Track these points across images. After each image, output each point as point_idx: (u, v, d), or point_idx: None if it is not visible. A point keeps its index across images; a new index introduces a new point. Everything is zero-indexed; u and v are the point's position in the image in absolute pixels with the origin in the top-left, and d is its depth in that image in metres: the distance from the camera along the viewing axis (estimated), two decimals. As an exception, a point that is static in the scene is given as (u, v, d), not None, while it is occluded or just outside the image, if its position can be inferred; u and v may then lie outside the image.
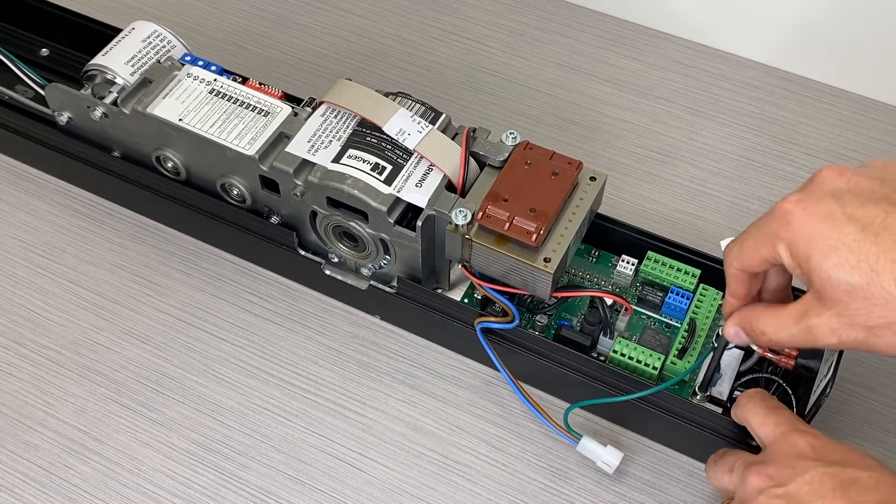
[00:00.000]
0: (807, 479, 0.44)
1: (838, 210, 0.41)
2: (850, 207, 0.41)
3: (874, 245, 0.40)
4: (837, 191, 0.42)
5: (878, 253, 0.40)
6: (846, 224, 0.41)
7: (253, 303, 0.65)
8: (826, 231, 0.41)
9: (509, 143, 0.57)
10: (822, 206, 0.42)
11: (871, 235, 0.40)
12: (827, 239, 0.41)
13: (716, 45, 0.80)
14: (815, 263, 0.41)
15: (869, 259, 0.40)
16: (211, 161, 0.60)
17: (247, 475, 0.57)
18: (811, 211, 0.42)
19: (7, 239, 0.68)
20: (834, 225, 0.41)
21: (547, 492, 0.57)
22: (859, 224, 0.40)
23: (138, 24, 0.65)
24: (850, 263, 0.40)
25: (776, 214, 0.43)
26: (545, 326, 0.58)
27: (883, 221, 0.40)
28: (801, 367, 0.54)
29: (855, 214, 0.41)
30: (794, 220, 0.42)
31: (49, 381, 0.61)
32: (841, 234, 0.41)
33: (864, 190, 0.42)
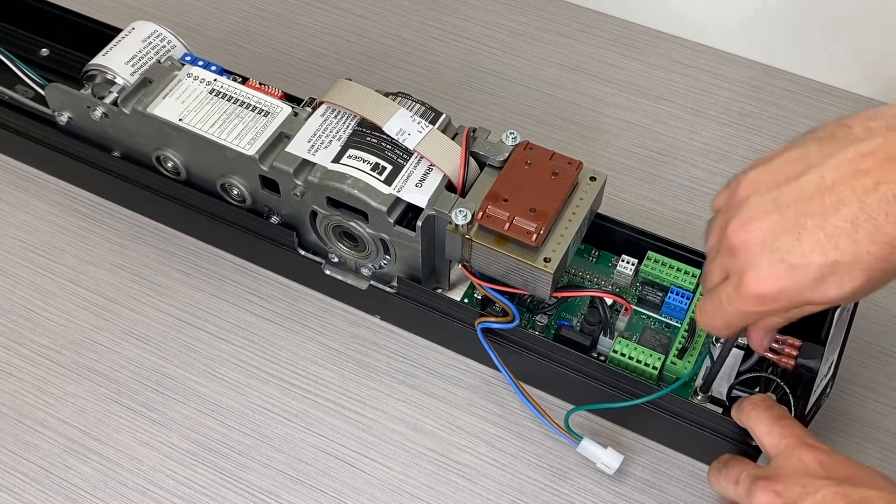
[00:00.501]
0: (818, 498, 0.45)
1: (791, 258, 0.41)
2: (795, 250, 0.41)
3: (843, 255, 0.40)
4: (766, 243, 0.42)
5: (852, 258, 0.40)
6: (808, 264, 0.41)
7: (253, 303, 0.65)
8: (803, 279, 0.41)
9: (509, 143, 0.57)
10: (778, 267, 0.41)
11: (833, 250, 0.40)
12: (812, 283, 0.41)
13: (716, 45, 0.80)
14: (819, 301, 0.42)
15: (853, 266, 0.40)
16: (211, 161, 0.60)
17: (247, 475, 0.57)
18: (774, 276, 0.42)
19: (7, 239, 0.68)
20: (804, 270, 0.41)
21: (547, 492, 0.57)
22: (816, 254, 0.41)
23: (138, 24, 0.65)
24: (846, 281, 0.41)
25: (747, 299, 0.43)
26: (545, 326, 0.58)
27: (826, 235, 0.40)
28: (801, 367, 0.54)
29: (805, 251, 0.41)
30: (771, 295, 0.42)
31: (49, 381, 0.61)
32: (816, 273, 0.41)
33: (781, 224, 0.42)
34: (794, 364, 0.54)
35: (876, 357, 0.62)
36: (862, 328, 0.62)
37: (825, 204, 0.40)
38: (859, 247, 0.40)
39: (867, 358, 0.62)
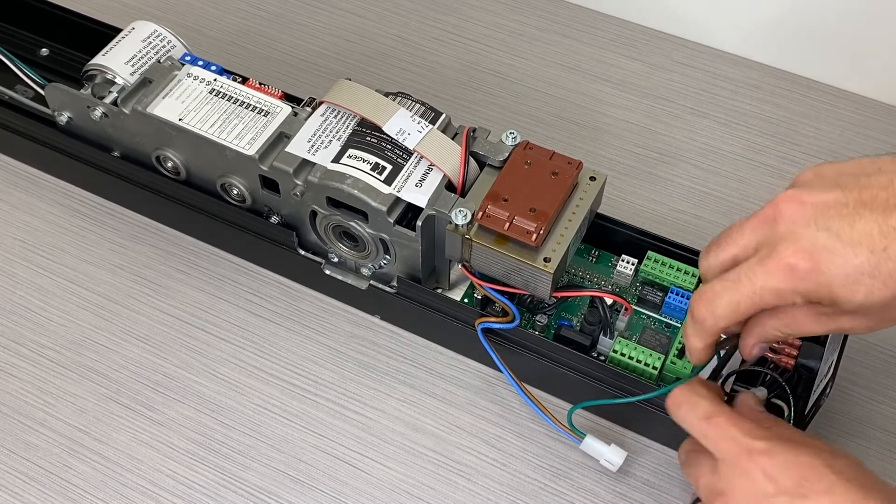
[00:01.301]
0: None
1: (837, 244, 0.39)
2: (845, 235, 0.39)
3: (888, 260, 0.39)
4: (815, 220, 0.40)
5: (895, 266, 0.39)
6: (854, 255, 0.39)
7: (253, 303, 0.65)
8: (840, 270, 0.39)
9: (509, 142, 0.57)
10: (820, 246, 0.40)
11: (881, 252, 0.39)
12: (846, 277, 0.39)
13: (716, 45, 0.80)
14: (843, 301, 0.40)
15: (893, 275, 0.39)
16: (211, 161, 0.60)
17: (247, 475, 0.57)
18: (812, 255, 0.40)
19: (7, 239, 0.68)
20: (844, 260, 0.39)
21: (547, 491, 0.57)
22: (864, 247, 0.39)
23: (138, 23, 0.65)
24: (877, 288, 0.39)
25: (774, 272, 0.41)
26: (545, 326, 0.58)
27: (881, 233, 0.39)
28: (801, 366, 0.54)
29: (854, 239, 0.39)
30: (802, 272, 0.40)
31: (49, 381, 0.61)
32: (855, 267, 0.39)
33: (835, 206, 0.40)
34: (794, 364, 0.54)
35: (876, 357, 0.62)
36: (862, 328, 0.62)
37: (888, 203, 0.39)
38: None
39: (867, 358, 0.62)
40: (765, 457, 0.43)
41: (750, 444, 0.44)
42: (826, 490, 0.42)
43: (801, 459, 0.43)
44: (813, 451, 0.43)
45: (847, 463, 0.43)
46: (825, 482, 0.42)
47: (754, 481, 0.43)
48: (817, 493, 0.42)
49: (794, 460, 0.43)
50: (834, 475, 0.42)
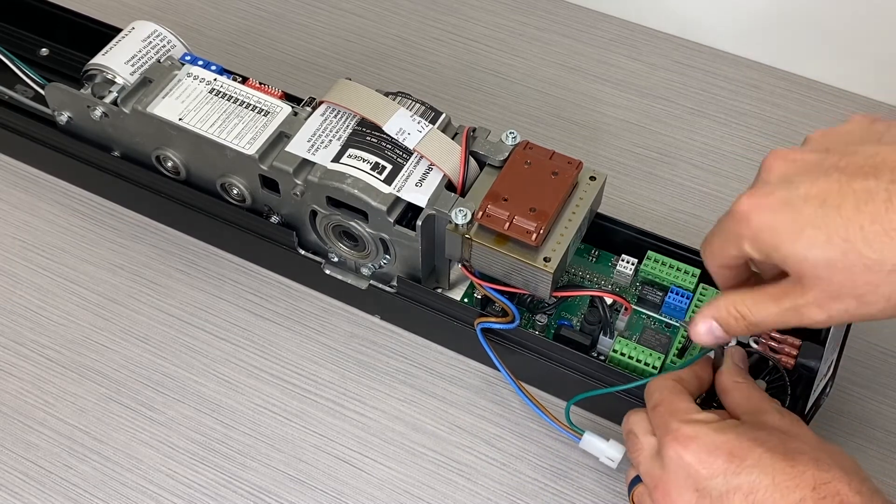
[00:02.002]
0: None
1: (793, 195, 0.41)
2: (802, 188, 0.40)
3: (838, 216, 0.39)
4: (786, 175, 0.42)
5: (844, 223, 0.39)
6: (804, 205, 0.40)
7: (253, 303, 0.65)
8: (787, 218, 0.40)
9: (509, 142, 0.57)
10: (776, 196, 0.41)
11: (833, 208, 0.39)
12: (790, 224, 0.40)
13: (716, 45, 0.80)
14: (785, 250, 0.41)
15: (838, 231, 0.39)
16: (211, 160, 0.60)
17: (247, 475, 0.57)
18: (766, 204, 0.41)
19: (7, 239, 0.68)
20: (793, 209, 0.40)
21: (547, 491, 0.57)
22: (817, 201, 0.40)
23: (138, 23, 0.65)
24: (820, 240, 0.40)
25: (734, 216, 0.43)
26: (545, 326, 0.58)
27: (839, 191, 0.40)
28: (800, 366, 0.54)
29: (810, 193, 0.40)
30: (752, 218, 0.42)
31: (49, 381, 0.61)
32: (802, 216, 0.40)
33: (812, 166, 0.42)
34: (793, 364, 0.54)
35: (876, 357, 0.62)
36: (862, 328, 0.62)
37: (860, 167, 0.40)
38: (857, 217, 0.39)
39: (867, 358, 0.62)
40: (692, 442, 0.45)
41: (678, 429, 0.46)
42: (755, 463, 0.43)
43: (727, 437, 0.44)
44: (740, 428, 0.45)
45: (773, 434, 0.45)
46: (753, 456, 0.44)
47: (686, 468, 0.45)
48: (747, 468, 0.43)
49: (720, 440, 0.44)
50: (760, 448, 0.44)
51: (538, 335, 0.57)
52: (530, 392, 0.57)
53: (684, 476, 0.45)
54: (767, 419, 0.46)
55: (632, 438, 0.49)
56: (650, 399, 0.49)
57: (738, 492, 0.43)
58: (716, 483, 0.44)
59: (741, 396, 0.49)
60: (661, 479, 0.46)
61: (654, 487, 0.46)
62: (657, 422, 0.48)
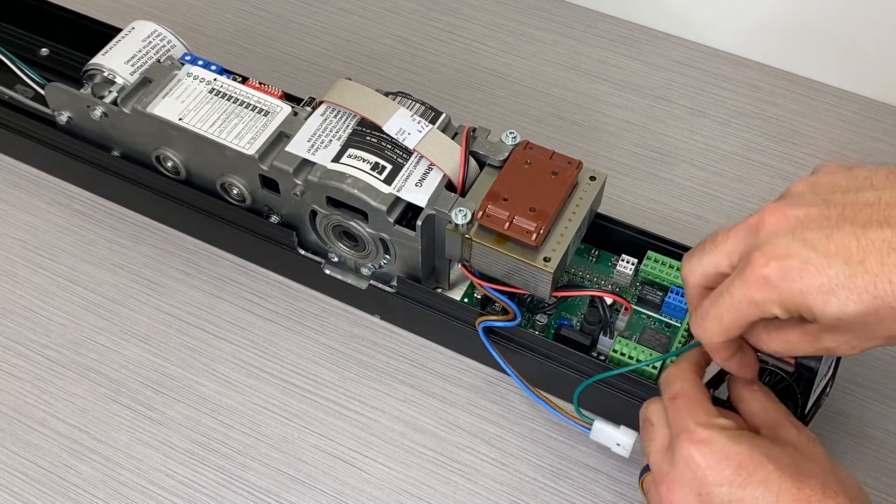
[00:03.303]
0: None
1: (812, 254, 0.40)
2: (820, 246, 0.40)
3: (864, 273, 0.39)
4: (794, 232, 0.41)
5: (872, 279, 0.39)
6: (827, 265, 0.39)
7: (253, 303, 0.65)
8: (814, 280, 0.40)
9: (509, 142, 0.57)
10: (795, 257, 0.40)
11: (857, 265, 0.39)
12: (819, 287, 0.40)
13: (716, 45, 0.80)
14: (818, 312, 0.40)
15: (867, 288, 0.39)
16: (211, 160, 0.60)
17: (247, 475, 0.57)
18: (787, 266, 0.40)
19: (7, 238, 0.68)
20: (817, 270, 0.40)
21: (547, 491, 0.57)
22: (840, 259, 0.39)
23: (138, 23, 0.65)
24: (852, 300, 0.39)
25: (751, 283, 0.41)
26: (545, 326, 0.58)
27: (858, 246, 0.39)
28: (801, 366, 0.54)
29: (829, 251, 0.40)
30: (777, 282, 0.41)
31: (49, 381, 0.61)
32: (829, 277, 0.39)
33: (817, 220, 0.41)
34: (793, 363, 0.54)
35: (876, 357, 0.62)
36: (862, 328, 0.62)
37: (870, 218, 0.40)
38: (883, 271, 0.39)
39: (867, 357, 0.62)
40: (705, 446, 0.44)
41: (695, 431, 0.45)
42: (762, 480, 0.43)
43: (740, 449, 0.44)
44: (754, 441, 0.45)
45: (786, 451, 0.44)
46: (761, 472, 0.43)
47: (695, 470, 0.44)
48: (754, 483, 0.43)
49: (733, 450, 0.44)
50: (771, 464, 0.43)
51: (538, 335, 0.57)
52: (536, 388, 0.57)
53: (691, 477, 0.45)
54: (784, 434, 0.46)
55: (647, 427, 0.49)
56: (669, 388, 0.48)
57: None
58: (720, 491, 0.44)
59: (758, 406, 0.48)
60: (668, 475, 0.46)
61: (660, 481, 0.46)
62: (674, 416, 0.47)
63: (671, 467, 0.46)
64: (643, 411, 0.50)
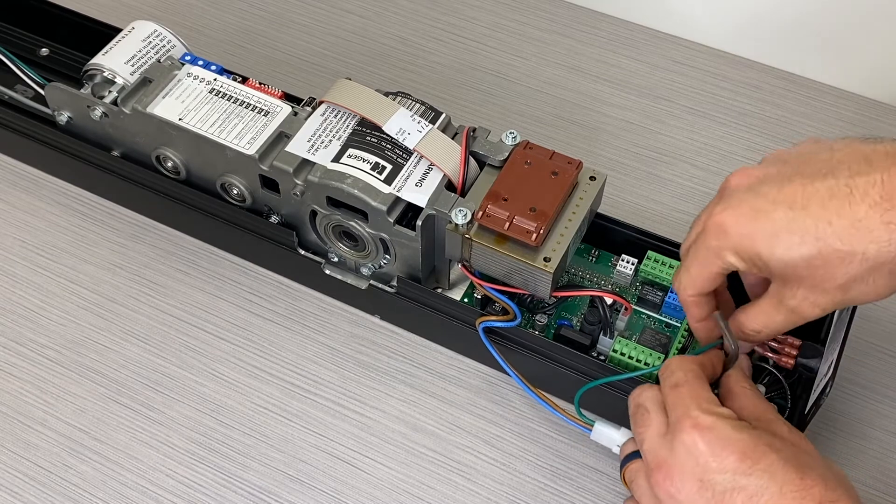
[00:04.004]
0: None
1: (761, 202, 0.44)
2: (770, 195, 0.44)
3: (807, 217, 0.42)
4: (751, 186, 0.45)
5: (813, 222, 0.42)
6: (774, 210, 0.43)
7: (253, 303, 0.65)
8: (760, 225, 0.43)
9: (509, 142, 0.57)
10: (747, 205, 0.44)
11: (801, 210, 0.42)
12: (765, 231, 0.43)
13: (716, 45, 0.80)
14: (765, 256, 0.44)
15: (809, 230, 0.42)
16: (211, 160, 0.60)
17: (247, 475, 0.57)
18: (739, 213, 0.44)
19: (7, 238, 0.68)
20: (765, 216, 0.43)
21: (547, 491, 0.57)
22: (785, 205, 0.43)
23: (138, 23, 0.65)
24: (795, 242, 0.42)
25: (709, 231, 0.45)
26: (545, 326, 0.58)
27: (803, 193, 0.43)
28: (801, 366, 0.54)
29: (777, 199, 0.43)
30: (729, 228, 0.45)
31: (49, 381, 0.61)
32: (773, 222, 0.43)
33: (774, 175, 0.45)
34: (793, 363, 0.54)
35: (876, 357, 0.62)
36: (862, 328, 0.62)
37: (819, 170, 0.43)
38: (824, 214, 0.42)
39: (867, 358, 0.62)
40: (709, 433, 0.45)
41: (698, 417, 0.45)
42: (765, 469, 0.43)
43: (743, 437, 0.44)
44: (755, 431, 0.45)
45: (786, 444, 0.45)
46: (765, 461, 0.44)
47: (697, 456, 0.44)
48: (758, 471, 0.43)
49: (736, 437, 0.44)
50: (774, 454, 0.44)
51: (538, 335, 0.57)
52: (537, 389, 0.57)
53: (693, 464, 0.44)
54: (777, 429, 0.46)
55: (642, 412, 0.48)
56: (671, 377, 0.48)
57: (743, 492, 0.43)
58: (723, 479, 0.44)
59: (749, 402, 0.48)
60: (667, 461, 0.45)
61: (657, 468, 0.46)
62: (675, 402, 0.47)
63: (670, 453, 0.45)
64: (635, 398, 0.50)
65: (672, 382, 0.48)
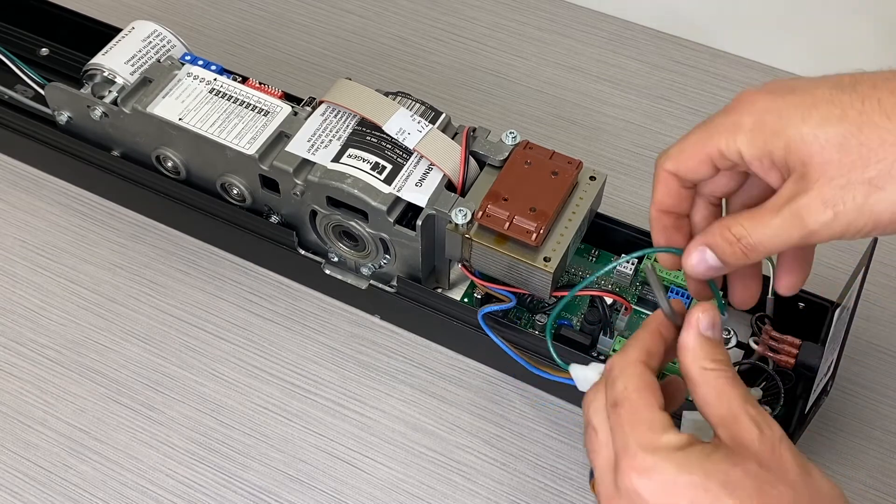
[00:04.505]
0: None
1: (803, 82, 0.39)
2: (812, 80, 0.39)
3: (853, 92, 0.37)
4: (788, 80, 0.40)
5: (860, 97, 0.37)
6: (817, 88, 0.38)
7: (253, 303, 0.65)
8: (797, 99, 0.38)
9: (509, 142, 0.57)
10: (786, 84, 0.39)
11: (848, 87, 0.38)
12: (800, 104, 0.38)
13: (716, 45, 0.80)
14: (792, 132, 0.38)
15: (853, 104, 0.37)
16: (211, 160, 0.60)
17: (247, 475, 0.57)
18: (774, 88, 0.39)
19: (7, 238, 0.68)
20: (804, 92, 0.38)
21: (547, 491, 0.57)
22: (830, 83, 0.38)
23: (138, 23, 0.65)
24: (834, 114, 0.37)
25: (733, 104, 0.40)
26: (545, 326, 0.58)
27: (852, 78, 0.38)
28: (801, 366, 0.54)
29: (821, 81, 0.39)
30: (757, 100, 0.39)
31: (49, 381, 0.61)
32: (814, 96, 0.38)
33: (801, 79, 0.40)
34: (793, 363, 0.54)
35: (876, 357, 0.62)
36: (862, 328, 0.62)
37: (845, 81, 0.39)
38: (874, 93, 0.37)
39: (867, 358, 0.62)
40: (650, 479, 0.38)
41: (635, 457, 0.39)
42: None
43: (692, 480, 0.37)
44: (706, 463, 0.38)
45: (746, 473, 0.37)
46: None
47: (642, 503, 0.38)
48: None
49: (683, 482, 0.37)
50: (729, 500, 0.37)
51: (538, 335, 0.57)
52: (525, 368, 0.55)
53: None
54: (743, 435, 0.38)
55: (590, 434, 0.42)
56: (612, 388, 0.41)
57: None
58: None
59: (713, 393, 0.40)
60: (613, 500, 0.40)
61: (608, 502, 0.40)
62: (616, 429, 0.40)
63: (616, 494, 0.39)
64: (585, 410, 0.43)
65: (612, 398, 0.41)
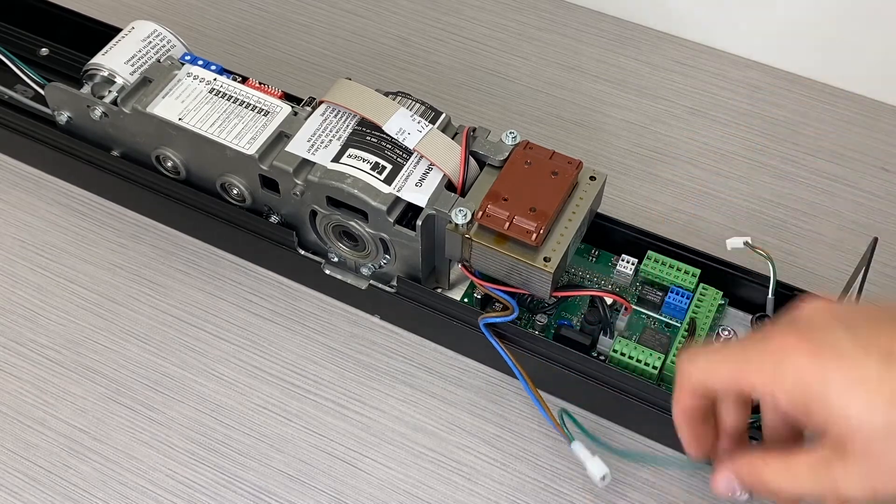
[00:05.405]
0: None
1: (850, 342, 0.35)
2: (862, 338, 0.35)
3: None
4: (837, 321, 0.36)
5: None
6: (864, 356, 0.34)
7: (253, 303, 0.65)
8: (843, 367, 0.34)
9: (509, 142, 0.57)
10: (830, 340, 0.35)
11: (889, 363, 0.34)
12: (846, 376, 0.34)
13: (716, 45, 0.80)
14: (834, 407, 0.35)
15: None
16: (211, 160, 0.60)
17: (247, 475, 0.57)
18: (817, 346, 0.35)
19: (7, 238, 0.68)
20: (852, 360, 0.34)
21: (547, 492, 0.57)
22: (881, 353, 0.34)
23: (138, 23, 0.65)
24: (882, 399, 0.34)
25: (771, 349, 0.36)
26: (545, 326, 0.58)
27: None
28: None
29: (871, 343, 0.35)
30: (798, 359, 0.36)
31: (49, 381, 0.61)
32: (863, 370, 0.34)
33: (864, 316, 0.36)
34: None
35: (876, 357, 0.62)
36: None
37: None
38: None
39: (867, 358, 0.62)
40: None
41: None
42: None
43: None
44: None
45: None
46: None
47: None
48: None
49: None
50: None
51: (538, 335, 0.57)
52: (536, 390, 0.57)
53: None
54: None
55: None
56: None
57: None
58: None
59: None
60: None
61: None
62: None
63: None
64: None
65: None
